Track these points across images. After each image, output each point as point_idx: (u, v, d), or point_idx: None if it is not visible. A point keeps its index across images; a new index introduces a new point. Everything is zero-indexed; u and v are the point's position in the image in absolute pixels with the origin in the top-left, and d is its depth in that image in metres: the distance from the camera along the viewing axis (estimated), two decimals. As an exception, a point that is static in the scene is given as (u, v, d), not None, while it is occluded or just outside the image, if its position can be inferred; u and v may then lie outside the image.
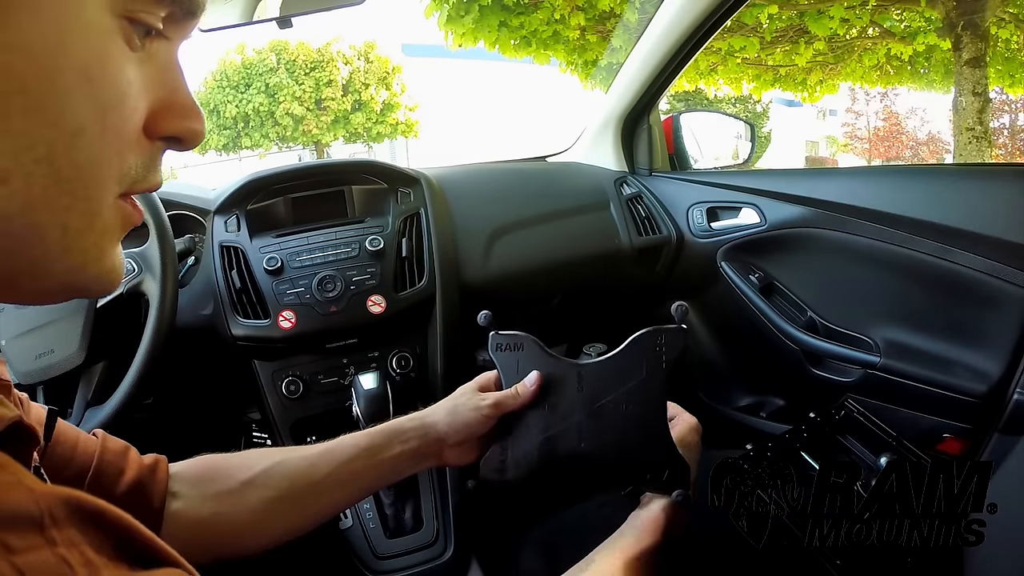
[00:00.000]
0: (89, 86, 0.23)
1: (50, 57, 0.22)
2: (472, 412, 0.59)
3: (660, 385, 0.57)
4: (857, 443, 0.83)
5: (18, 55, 0.21)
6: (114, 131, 0.25)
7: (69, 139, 0.23)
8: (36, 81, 0.22)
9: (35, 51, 0.22)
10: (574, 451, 0.57)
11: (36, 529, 0.18)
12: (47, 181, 0.23)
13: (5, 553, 0.17)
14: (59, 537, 0.19)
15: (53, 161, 0.23)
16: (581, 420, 0.57)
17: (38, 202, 0.23)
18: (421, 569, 0.85)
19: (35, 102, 0.22)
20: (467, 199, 1.15)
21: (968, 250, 0.80)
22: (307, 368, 0.95)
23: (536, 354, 0.61)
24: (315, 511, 0.57)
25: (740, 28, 6.00)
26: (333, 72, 13.83)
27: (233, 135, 13.78)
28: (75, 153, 0.23)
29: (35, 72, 0.22)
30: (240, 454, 0.58)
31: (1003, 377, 0.77)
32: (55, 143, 0.23)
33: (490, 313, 0.62)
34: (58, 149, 0.23)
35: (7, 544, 0.17)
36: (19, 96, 0.21)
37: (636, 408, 0.56)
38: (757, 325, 1.09)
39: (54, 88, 0.22)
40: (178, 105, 0.28)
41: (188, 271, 0.98)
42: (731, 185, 1.18)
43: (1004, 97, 11.21)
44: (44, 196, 0.23)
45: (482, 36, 5.73)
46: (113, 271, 0.27)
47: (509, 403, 0.59)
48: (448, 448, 0.60)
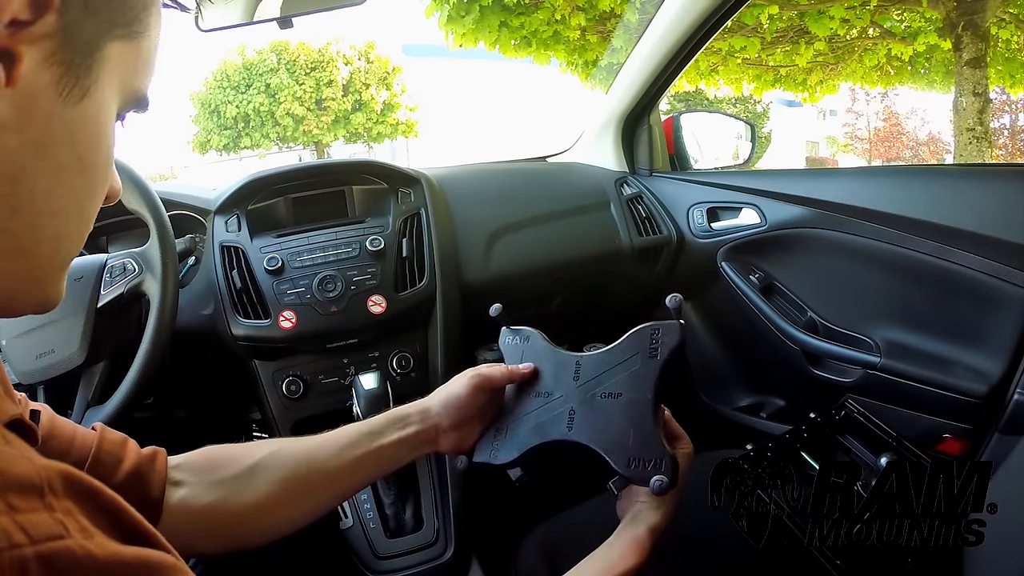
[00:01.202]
0: (107, 162, 0.33)
1: (100, 139, 0.31)
2: (461, 388, 0.61)
3: (652, 378, 0.57)
4: (857, 443, 0.83)
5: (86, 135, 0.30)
6: (103, 192, 0.34)
7: (91, 195, 0.33)
8: (90, 154, 0.31)
9: (94, 134, 0.31)
10: (562, 436, 0.59)
11: (37, 495, 0.21)
12: (75, 222, 0.32)
13: (8, 511, 0.19)
14: (57, 506, 0.21)
15: (82, 209, 0.32)
16: (573, 408, 0.60)
17: (65, 235, 0.32)
18: (421, 569, 0.85)
19: (84, 168, 0.31)
20: (467, 199, 1.15)
21: (968, 250, 0.80)
22: (307, 368, 0.95)
23: (540, 345, 0.65)
24: (319, 497, 0.58)
25: (740, 28, 6.00)
26: (333, 72, 13.83)
27: (233, 135, 13.79)
28: (92, 206, 0.33)
29: (91, 148, 0.31)
30: (243, 444, 0.59)
31: (1003, 377, 0.77)
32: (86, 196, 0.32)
33: (502, 306, 0.67)
34: (86, 201, 0.33)
35: (11, 504, 0.20)
36: (78, 162, 0.31)
37: (626, 398, 0.57)
38: (757, 325, 1.09)
39: (95, 161, 0.32)
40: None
41: (189, 271, 0.98)
42: (731, 185, 1.18)
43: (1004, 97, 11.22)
44: (69, 232, 0.32)
45: (482, 36, 5.73)
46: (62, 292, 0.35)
47: (495, 374, 0.62)
48: (444, 433, 0.61)
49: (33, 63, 0.27)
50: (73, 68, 0.28)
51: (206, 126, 13.96)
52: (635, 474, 0.54)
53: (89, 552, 0.20)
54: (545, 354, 0.64)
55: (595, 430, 0.57)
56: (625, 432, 0.56)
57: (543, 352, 0.65)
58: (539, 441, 0.60)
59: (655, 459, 0.54)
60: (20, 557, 0.19)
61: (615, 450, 0.55)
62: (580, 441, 0.58)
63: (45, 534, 0.20)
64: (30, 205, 0.29)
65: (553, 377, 0.63)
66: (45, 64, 0.27)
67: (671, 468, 0.53)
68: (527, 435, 0.60)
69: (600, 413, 0.58)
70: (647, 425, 0.56)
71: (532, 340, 0.66)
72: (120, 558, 0.22)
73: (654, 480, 0.52)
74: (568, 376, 0.61)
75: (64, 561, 0.20)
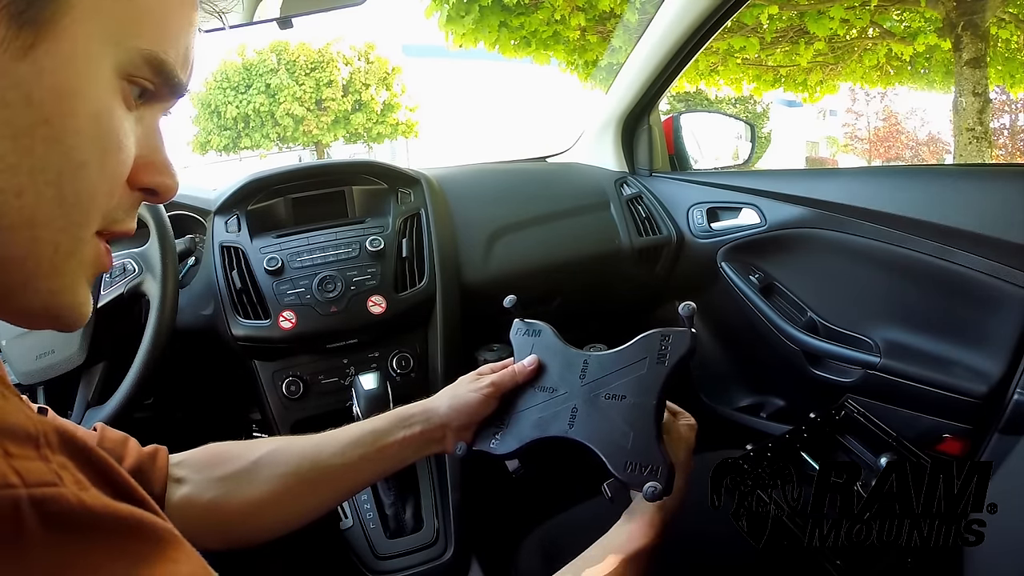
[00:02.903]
0: (96, 129, 0.28)
1: (70, 99, 0.26)
2: (473, 394, 0.61)
3: (658, 383, 0.57)
4: (857, 443, 0.83)
5: (47, 93, 0.26)
6: (109, 172, 0.29)
7: (75, 169, 0.27)
8: (58, 117, 0.26)
9: (60, 92, 0.26)
10: (562, 433, 0.59)
11: (32, 445, 0.21)
12: (52, 203, 0.27)
13: (4, 456, 0.19)
14: (52, 458, 0.21)
15: (61, 186, 0.27)
16: (576, 405, 0.60)
17: (41, 218, 0.27)
18: (421, 569, 0.85)
19: (54, 134, 0.26)
20: (467, 199, 1.15)
21: (968, 250, 0.80)
22: (307, 368, 0.95)
23: (550, 341, 0.65)
24: (321, 495, 0.58)
25: (740, 28, 5.99)
26: (333, 72, 13.83)
27: (233, 135, 13.79)
28: (77, 182, 0.27)
29: (58, 109, 0.26)
30: (245, 441, 0.59)
31: (1003, 377, 0.77)
32: (64, 170, 0.27)
33: (516, 298, 0.67)
34: (65, 176, 0.27)
35: (7, 450, 0.20)
36: (43, 126, 0.26)
37: (630, 401, 0.57)
38: (757, 325, 1.09)
39: (70, 125, 0.27)
40: (158, 163, 0.33)
41: (188, 271, 0.98)
42: (731, 185, 1.18)
43: (1004, 97, 11.22)
44: (47, 214, 0.27)
45: (482, 36, 5.73)
46: (85, 304, 0.31)
47: (507, 382, 0.62)
48: (451, 433, 0.61)
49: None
50: (15, 17, 0.24)
51: (206, 126, 13.96)
52: (630, 478, 0.54)
53: (83, 502, 0.20)
54: (554, 349, 0.64)
55: (596, 430, 0.57)
56: (625, 435, 0.56)
57: (552, 347, 0.65)
58: (539, 435, 0.60)
59: (652, 465, 0.53)
60: (13, 497, 0.19)
61: (613, 452, 0.55)
62: (579, 440, 0.58)
63: (39, 479, 0.20)
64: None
65: (559, 373, 0.63)
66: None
67: (667, 476, 0.52)
68: (528, 428, 0.61)
69: (602, 413, 0.58)
70: (648, 430, 0.55)
71: (543, 334, 0.66)
72: (115, 511, 0.21)
73: (648, 486, 0.52)
74: (574, 374, 0.61)
75: (57, 506, 0.19)
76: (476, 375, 0.65)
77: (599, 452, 0.56)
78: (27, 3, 0.25)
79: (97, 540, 0.20)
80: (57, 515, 0.19)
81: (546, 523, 0.78)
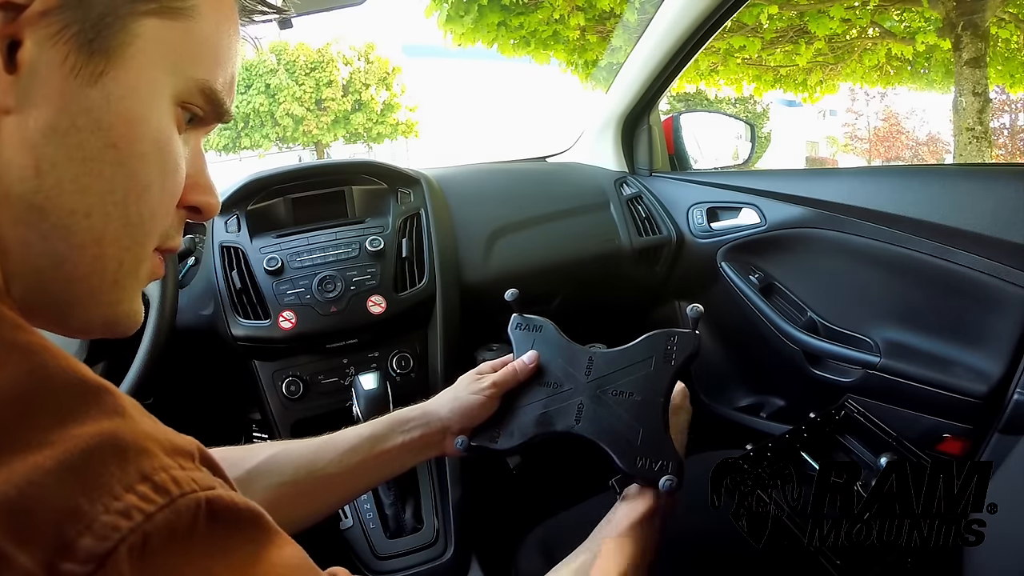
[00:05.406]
0: (159, 153, 0.30)
1: (137, 125, 0.28)
2: (475, 396, 0.60)
3: (665, 382, 0.57)
4: (857, 443, 0.83)
5: (116, 119, 0.28)
6: (168, 193, 0.31)
7: (140, 191, 0.29)
8: (125, 142, 0.28)
9: (127, 118, 0.28)
10: (569, 429, 0.58)
11: (192, 460, 0.26)
12: (118, 223, 0.29)
13: (182, 469, 0.25)
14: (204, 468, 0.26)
15: (126, 207, 0.29)
16: (582, 401, 0.59)
17: (108, 238, 0.29)
18: (421, 569, 0.85)
19: (121, 158, 0.28)
20: (467, 199, 1.15)
21: (968, 250, 0.80)
22: (307, 368, 0.95)
23: (552, 337, 0.64)
24: (319, 503, 0.57)
25: (740, 28, 6.00)
26: (333, 72, 13.81)
27: (233, 136, 13.77)
28: (141, 204, 0.30)
29: (125, 134, 0.28)
30: (243, 447, 0.58)
31: (1003, 377, 0.77)
32: (129, 192, 0.29)
33: (517, 291, 0.66)
34: (131, 198, 0.29)
35: (181, 464, 0.25)
36: (111, 150, 0.28)
37: (637, 399, 0.57)
38: (757, 325, 1.09)
39: (136, 149, 0.29)
40: (203, 183, 0.35)
41: (188, 271, 0.98)
42: (731, 185, 1.18)
43: (1004, 97, 11.21)
44: (114, 234, 0.29)
45: (481, 36, 5.74)
46: (139, 313, 0.33)
47: (508, 381, 0.61)
48: (451, 436, 0.61)
49: (36, 44, 0.25)
50: (86, 45, 0.26)
51: (206, 126, 13.95)
52: (642, 473, 0.54)
53: (235, 501, 0.25)
54: (557, 345, 0.64)
55: (603, 426, 0.57)
56: (634, 431, 0.56)
57: (555, 343, 0.64)
58: (544, 431, 0.59)
59: (664, 460, 0.54)
60: (196, 499, 0.24)
61: (622, 448, 0.55)
62: (587, 436, 0.57)
63: (207, 484, 0.25)
64: (57, 201, 0.27)
65: (563, 369, 0.62)
66: (51, 43, 0.26)
67: (679, 470, 0.53)
68: (531, 424, 0.60)
69: (609, 410, 0.58)
70: (657, 426, 0.56)
71: (545, 330, 0.65)
72: (247, 506, 0.26)
73: (664, 479, 0.52)
74: (580, 370, 0.61)
75: (220, 504, 0.25)
76: (476, 375, 0.64)
77: (608, 448, 0.56)
78: (95, 32, 0.26)
79: (238, 529, 0.25)
80: (217, 511, 0.24)
81: (546, 522, 0.78)
